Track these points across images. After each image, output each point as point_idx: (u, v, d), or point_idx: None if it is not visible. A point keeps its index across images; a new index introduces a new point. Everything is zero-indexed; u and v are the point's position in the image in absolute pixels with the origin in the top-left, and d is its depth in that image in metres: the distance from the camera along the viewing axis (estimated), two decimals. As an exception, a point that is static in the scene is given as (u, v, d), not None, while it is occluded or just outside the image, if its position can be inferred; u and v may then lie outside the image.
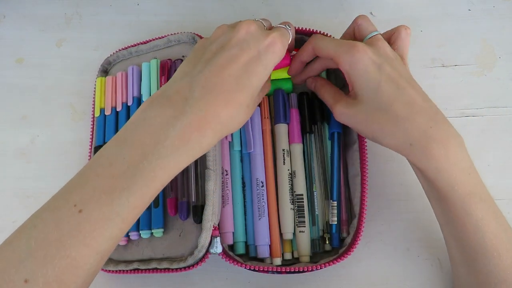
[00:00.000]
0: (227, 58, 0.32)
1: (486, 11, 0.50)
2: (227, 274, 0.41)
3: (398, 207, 0.43)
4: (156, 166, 0.28)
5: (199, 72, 0.32)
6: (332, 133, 0.41)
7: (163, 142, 0.28)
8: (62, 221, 0.26)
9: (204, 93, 0.30)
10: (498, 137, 0.45)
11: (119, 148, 0.29)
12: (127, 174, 0.27)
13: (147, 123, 0.29)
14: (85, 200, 0.26)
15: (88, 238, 0.26)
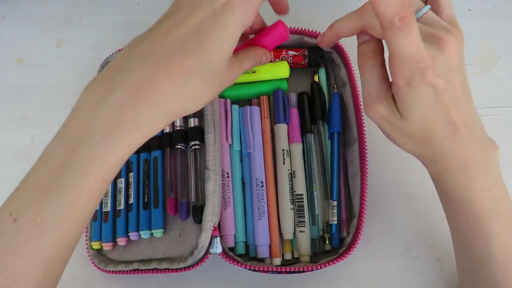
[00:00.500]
0: (174, 22, 0.27)
1: (486, 11, 0.50)
2: (227, 274, 0.41)
3: (398, 207, 0.43)
4: (85, 158, 0.24)
5: (141, 41, 0.27)
6: (332, 132, 0.41)
7: (92, 129, 0.24)
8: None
9: (140, 62, 0.26)
10: (498, 137, 0.45)
11: (55, 142, 0.26)
12: (57, 173, 0.24)
13: (79, 109, 0.26)
14: (19, 208, 0.24)
15: (23, 249, 0.24)
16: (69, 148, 0.25)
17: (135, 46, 0.27)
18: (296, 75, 0.45)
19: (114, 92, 0.25)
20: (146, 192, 0.40)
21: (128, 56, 0.26)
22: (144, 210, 0.39)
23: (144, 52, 0.26)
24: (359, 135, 0.40)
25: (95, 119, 0.24)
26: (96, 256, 0.40)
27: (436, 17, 0.30)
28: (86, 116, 0.25)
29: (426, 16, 0.30)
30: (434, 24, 0.30)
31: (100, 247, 0.40)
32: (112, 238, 0.39)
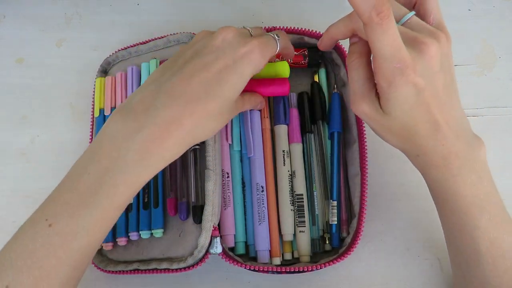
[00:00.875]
0: (199, 66, 0.31)
1: (486, 11, 0.50)
2: (227, 274, 0.41)
3: (398, 207, 0.43)
4: (117, 180, 0.29)
5: (167, 80, 0.31)
6: (332, 132, 0.41)
7: (124, 156, 0.29)
8: (36, 234, 0.28)
9: (168, 102, 0.29)
10: (498, 137, 0.45)
11: (87, 162, 0.30)
12: (91, 189, 0.28)
13: (111, 137, 0.30)
14: (55, 215, 0.28)
15: (58, 251, 0.28)
16: (102, 169, 0.29)
17: (162, 83, 0.31)
18: (296, 75, 0.45)
19: (146, 128, 0.29)
20: (146, 192, 0.40)
21: (157, 94, 0.30)
22: (144, 210, 0.39)
23: (171, 92, 0.30)
24: (359, 135, 0.40)
25: (127, 149, 0.29)
26: (96, 256, 0.40)
27: (421, 22, 0.32)
28: (118, 145, 0.29)
29: (411, 22, 0.32)
30: (418, 29, 0.32)
31: (100, 247, 0.40)
32: (112, 238, 0.39)
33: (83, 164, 0.30)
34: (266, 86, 0.40)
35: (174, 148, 0.30)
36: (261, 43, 0.33)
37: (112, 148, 0.29)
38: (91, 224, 0.28)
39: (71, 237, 0.28)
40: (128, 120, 0.30)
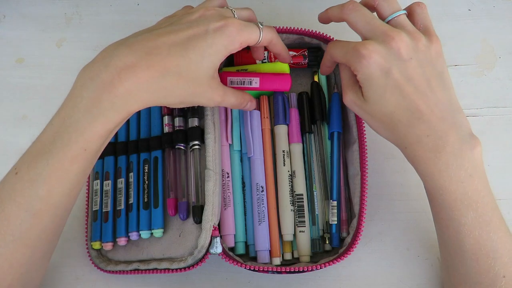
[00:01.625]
0: (169, 30, 0.31)
1: (486, 11, 0.50)
2: (227, 274, 0.41)
3: (398, 207, 0.43)
4: (70, 129, 0.30)
5: (133, 37, 0.31)
6: (332, 132, 0.41)
7: (78, 105, 0.30)
8: (4, 182, 0.31)
9: (126, 51, 0.30)
10: (498, 137, 0.45)
11: (55, 114, 0.31)
12: (49, 139, 0.30)
13: (73, 88, 0.31)
14: (21, 164, 0.31)
15: (18, 196, 0.30)
16: (61, 119, 0.30)
17: (128, 39, 0.31)
18: (296, 75, 0.45)
19: (99, 75, 0.30)
20: (146, 192, 0.40)
21: (119, 45, 0.31)
22: (144, 210, 0.39)
23: (133, 45, 0.30)
24: (359, 135, 0.40)
25: (81, 97, 0.30)
26: (96, 256, 0.40)
27: (407, 22, 0.34)
28: (76, 95, 0.30)
29: (397, 19, 0.34)
30: (400, 27, 0.34)
31: (100, 247, 0.40)
32: (112, 238, 0.39)
33: (52, 118, 0.31)
34: (268, 79, 0.40)
35: (126, 98, 0.30)
36: (240, 22, 0.33)
37: (70, 98, 0.31)
38: (47, 173, 0.30)
39: (29, 184, 0.30)
40: (86, 70, 0.31)
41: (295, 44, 0.44)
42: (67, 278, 0.41)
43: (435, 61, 0.34)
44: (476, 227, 0.32)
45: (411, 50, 0.33)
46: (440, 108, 0.33)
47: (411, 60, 0.33)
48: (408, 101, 0.33)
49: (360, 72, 0.33)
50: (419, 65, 0.33)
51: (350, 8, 0.35)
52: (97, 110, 0.29)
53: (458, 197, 0.32)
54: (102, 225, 0.40)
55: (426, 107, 0.33)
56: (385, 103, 0.33)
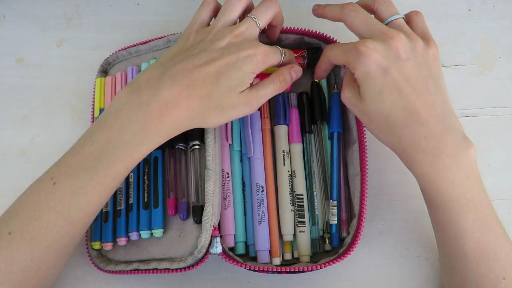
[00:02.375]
0: (205, 60, 0.33)
1: (486, 11, 0.50)
2: (227, 274, 0.41)
3: (398, 207, 0.43)
4: (118, 149, 0.32)
5: (174, 65, 0.34)
6: (332, 132, 0.41)
7: (126, 128, 0.32)
8: (40, 190, 0.32)
9: (171, 84, 0.33)
10: (498, 137, 0.45)
11: (93, 130, 0.33)
12: (94, 155, 0.32)
13: (116, 110, 0.33)
14: (59, 174, 0.32)
15: (57, 206, 0.31)
16: (105, 138, 0.32)
17: (169, 68, 0.34)
18: (296, 75, 0.45)
19: (149, 105, 0.32)
20: (146, 192, 0.40)
21: (163, 75, 0.33)
22: (144, 210, 0.39)
23: (175, 77, 0.33)
24: (359, 135, 0.40)
25: (130, 121, 0.32)
26: (96, 256, 0.40)
27: (404, 25, 0.35)
28: (122, 118, 0.33)
29: (395, 22, 0.35)
30: (399, 29, 0.35)
31: (100, 247, 0.40)
32: (112, 238, 0.39)
33: (90, 133, 0.33)
34: None
35: (171, 125, 0.33)
36: (266, 50, 0.35)
37: (116, 120, 0.33)
38: (90, 187, 0.32)
39: (70, 195, 0.31)
40: (133, 96, 0.33)
41: (295, 44, 0.44)
42: (67, 278, 0.41)
43: (431, 64, 0.34)
44: (476, 229, 0.32)
45: (409, 51, 0.33)
46: (436, 110, 0.33)
47: (409, 61, 0.33)
48: (406, 102, 0.33)
49: (358, 70, 0.34)
50: (416, 66, 0.33)
51: (350, 9, 0.35)
52: (145, 135, 0.32)
53: (457, 200, 0.32)
54: (102, 225, 0.40)
55: (424, 108, 0.33)
56: (382, 103, 0.33)
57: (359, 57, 0.33)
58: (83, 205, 0.32)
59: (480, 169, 0.34)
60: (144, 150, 0.33)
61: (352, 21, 0.35)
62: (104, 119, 0.33)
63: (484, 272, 0.33)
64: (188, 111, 0.33)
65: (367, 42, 0.33)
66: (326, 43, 0.43)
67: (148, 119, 0.32)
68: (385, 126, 0.34)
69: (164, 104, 0.32)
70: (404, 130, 0.33)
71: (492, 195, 0.43)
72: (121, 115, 0.33)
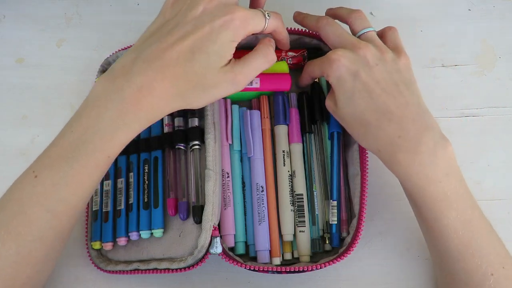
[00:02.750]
0: (177, 36, 0.32)
1: (486, 11, 0.50)
2: (227, 274, 0.41)
3: (398, 207, 0.43)
4: (95, 137, 0.31)
5: (147, 47, 0.33)
6: (332, 132, 0.41)
7: (103, 115, 0.32)
8: (23, 184, 0.32)
9: (144, 68, 0.32)
10: (498, 137, 0.45)
11: (72, 120, 0.33)
12: (72, 145, 0.32)
13: (93, 98, 0.33)
14: (40, 167, 0.32)
15: (40, 198, 0.31)
16: (83, 127, 0.32)
17: (142, 51, 0.33)
18: (297, 76, 0.45)
19: (123, 90, 0.31)
20: (146, 192, 0.40)
21: (136, 60, 0.32)
22: (144, 210, 0.39)
23: (148, 60, 0.32)
24: (359, 135, 0.40)
25: (106, 108, 0.32)
26: (96, 256, 0.40)
27: (375, 37, 0.37)
28: (99, 105, 0.32)
29: (367, 34, 0.37)
30: (369, 41, 0.36)
31: (100, 247, 0.40)
32: (112, 238, 0.39)
33: (69, 124, 0.33)
34: (268, 79, 0.41)
35: (149, 110, 0.32)
36: (245, 13, 0.33)
37: (93, 109, 0.32)
38: (71, 177, 0.31)
39: (52, 187, 0.31)
40: (109, 84, 0.32)
41: (295, 44, 0.44)
42: (67, 278, 0.41)
43: (403, 71, 0.35)
44: (459, 226, 0.33)
45: (377, 58, 0.35)
46: (410, 109, 0.34)
47: (377, 66, 0.35)
48: (377, 102, 0.34)
49: (330, 76, 0.36)
50: (385, 70, 0.35)
51: (325, 23, 0.38)
52: (122, 121, 0.32)
53: (437, 197, 0.33)
54: (102, 225, 0.40)
55: (395, 107, 0.34)
56: (354, 106, 0.35)
57: (331, 64, 0.35)
58: (65, 196, 0.32)
59: (480, 169, 0.34)
60: (123, 137, 0.32)
61: (326, 33, 0.38)
62: (82, 109, 0.33)
63: (472, 268, 0.33)
64: (164, 93, 0.32)
65: (337, 51, 0.35)
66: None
67: (124, 105, 0.31)
68: (360, 128, 0.35)
69: (138, 89, 0.31)
70: (378, 131, 0.34)
71: (492, 195, 0.43)
72: (98, 103, 0.32)
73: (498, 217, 0.41)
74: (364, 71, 0.34)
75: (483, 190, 0.43)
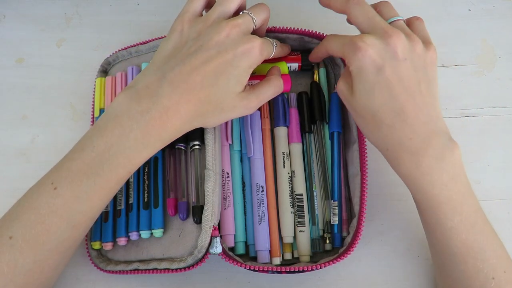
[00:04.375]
0: (202, 60, 0.33)
1: (486, 11, 0.50)
2: (227, 274, 0.41)
3: (398, 207, 0.43)
4: (119, 155, 0.32)
5: (171, 69, 0.33)
6: (332, 132, 0.41)
7: (128, 134, 0.32)
8: (41, 194, 0.32)
9: (170, 90, 0.33)
10: (498, 137, 0.45)
11: (93, 136, 0.33)
12: (95, 161, 0.32)
13: (116, 116, 0.33)
14: (60, 179, 0.32)
15: (60, 210, 0.32)
16: (106, 145, 0.32)
17: (167, 72, 0.34)
18: (296, 75, 0.45)
19: (149, 112, 0.32)
20: (146, 192, 0.40)
21: (161, 81, 0.33)
22: (144, 210, 0.39)
23: (173, 82, 0.33)
24: (359, 135, 0.40)
25: (130, 128, 0.32)
26: (96, 256, 0.40)
27: (404, 26, 0.35)
28: (123, 125, 0.33)
29: (396, 23, 0.35)
30: (400, 29, 0.34)
31: (100, 247, 0.40)
32: (112, 238, 0.39)
33: (89, 138, 0.33)
34: None
35: (172, 131, 0.33)
36: (262, 43, 0.35)
37: (116, 126, 0.33)
38: (93, 192, 0.32)
39: (73, 200, 0.32)
40: (133, 103, 0.33)
41: (295, 45, 0.44)
42: (67, 278, 0.41)
43: (428, 68, 0.34)
44: (463, 230, 0.33)
45: (407, 51, 0.33)
46: (425, 112, 0.33)
47: (406, 61, 0.33)
48: (396, 102, 0.33)
49: (353, 65, 0.34)
50: (412, 67, 0.33)
51: (355, 2, 0.35)
52: (147, 142, 0.33)
53: (442, 201, 0.33)
54: (102, 225, 0.40)
55: (412, 109, 0.33)
56: (372, 100, 0.33)
57: (355, 52, 0.33)
58: (85, 209, 0.33)
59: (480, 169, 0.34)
60: (146, 155, 0.34)
61: (356, 14, 0.35)
62: (104, 124, 0.33)
63: (473, 272, 0.33)
64: (188, 115, 0.33)
65: (365, 38, 0.33)
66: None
67: (150, 127, 0.32)
68: (372, 123, 0.34)
69: (164, 112, 0.32)
70: (390, 129, 0.33)
71: (492, 195, 0.43)
72: (121, 121, 0.33)
73: (498, 217, 0.41)
74: (391, 66, 0.33)
75: (483, 190, 0.43)
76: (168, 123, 0.33)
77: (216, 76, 0.33)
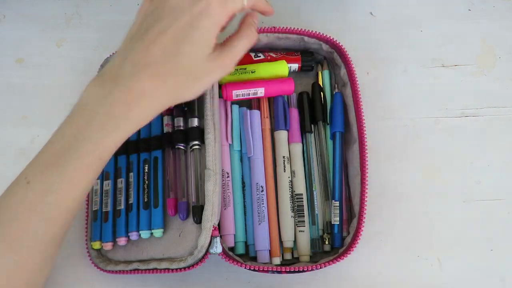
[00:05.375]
0: (158, 31, 0.32)
1: (486, 11, 0.50)
2: (227, 274, 0.41)
3: (398, 207, 0.43)
4: (87, 142, 0.31)
5: (132, 48, 0.32)
6: (334, 132, 0.41)
7: (93, 119, 0.31)
8: (16, 191, 0.32)
9: (131, 69, 0.31)
10: (498, 137, 0.45)
11: (62, 127, 0.32)
12: (62, 151, 0.31)
13: (83, 103, 0.32)
14: (32, 173, 0.32)
15: (32, 204, 0.31)
16: (74, 131, 0.31)
17: (127, 52, 0.32)
18: (297, 76, 0.45)
19: (112, 94, 0.31)
20: (146, 192, 0.40)
21: (123, 63, 0.32)
22: (144, 210, 0.39)
23: (134, 61, 0.32)
24: (359, 135, 0.40)
25: (96, 112, 0.31)
26: (96, 256, 0.40)
27: None
28: (90, 110, 0.32)
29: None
30: None
31: (100, 247, 0.40)
32: (112, 238, 0.39)
33: (59, 130, 0.33)
34: (272, 87, 0.42)
35: (141, 111, 0.32)
36: None
37: (82, 113, 0.32)
38: (64, 182, 0.31)
39: (44, 192, 0.31)
40: (98, 88, 0.32)
41: (295, 45, 0.44)
42: (67, 278, 0.41)
43: None
44: None
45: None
46: None
47: None
48: None
49: None
50: None
51: None
52: (113, 123, 0.31)
53: None
54: (102, 225, 0.40)
55: None
56: None
57: None
58: (57, 201, 0.31)
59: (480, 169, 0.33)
60: (116, 139, 0.32)
61: None
62: (72, 114, 0.33)
63: None
64: (154, 92, 0.31)
65: None
66: (326, 43, 0.43)
67: (114, 108, 0.31)
68: None
69: (128, 92, 0.31)
70: None
71: (492, 195, 0.43)
72: (87, 108, 0.32)
73: (498, 217, 0.41)
74: None
75: (483, 190, 0.43)
76: (133, 103, 0.31)
77: (177, 45, 0.31)
